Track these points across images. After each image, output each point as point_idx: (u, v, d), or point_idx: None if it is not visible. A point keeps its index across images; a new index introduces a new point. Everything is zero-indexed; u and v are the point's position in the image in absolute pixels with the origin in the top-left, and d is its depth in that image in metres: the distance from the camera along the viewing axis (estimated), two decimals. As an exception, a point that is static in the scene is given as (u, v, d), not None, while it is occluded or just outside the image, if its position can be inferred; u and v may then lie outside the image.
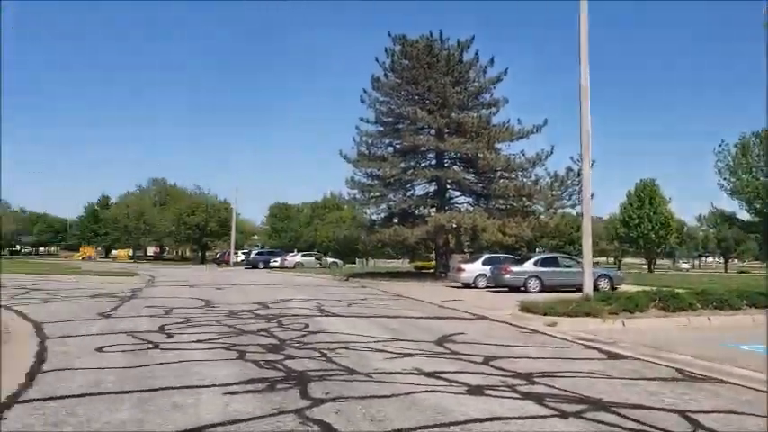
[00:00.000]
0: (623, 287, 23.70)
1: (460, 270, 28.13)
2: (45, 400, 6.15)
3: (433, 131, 34.83)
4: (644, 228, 61.91)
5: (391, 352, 9.36)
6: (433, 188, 36.04)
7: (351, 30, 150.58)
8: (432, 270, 38.72)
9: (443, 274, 32.17)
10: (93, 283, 27.30)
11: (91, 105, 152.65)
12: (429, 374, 7.69)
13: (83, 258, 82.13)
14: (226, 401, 6.16)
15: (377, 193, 35.68)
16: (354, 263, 71.93)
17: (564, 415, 5.94)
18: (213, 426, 5.32)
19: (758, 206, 50.13)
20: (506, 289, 24.70)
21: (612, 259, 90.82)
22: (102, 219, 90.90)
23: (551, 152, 33.16)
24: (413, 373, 7.74)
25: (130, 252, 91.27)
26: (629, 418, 5.81)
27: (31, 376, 7.30)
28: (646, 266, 72.48)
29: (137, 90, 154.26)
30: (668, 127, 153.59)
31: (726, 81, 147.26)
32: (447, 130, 34.09)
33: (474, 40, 34.77)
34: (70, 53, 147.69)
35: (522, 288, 23.95)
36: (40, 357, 8.55)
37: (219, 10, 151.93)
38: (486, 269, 27.00)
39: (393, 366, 8.18)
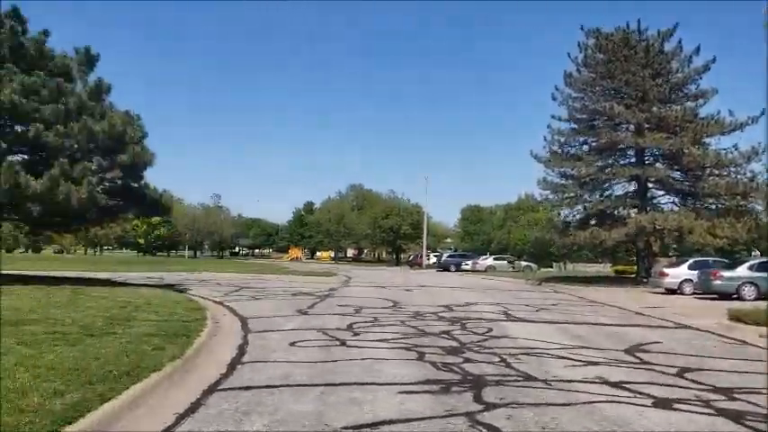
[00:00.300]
0: None
1: (663, 275, 26.24)
2: (240, 389, 6.72)
3: (631, 127, 32.84)
4: None
5: (575, 360, 8.97)
6: (632, 187, 33.99)
7: (540, 26, 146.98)
8: (633, 275, 36.53)
9: (645, 280, 30.21)
10: (295, 282, 29.35)
11: (293, 114, 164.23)
12: (612, 384, 7.28)
13: (291, 259, 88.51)
14: (400, 400, 6.30)
15: (571, 194, 34.27)
16: (551, 267, 69.87)
17: (765, 437, 5.34)
18: (385, 423, 5.48)
19: None
20: (716, 296, 22.60)
21: None
22: (307, 223, 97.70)
23: (771, 144, 29.69)
24: (594, 383, 7.36)
25: (332, 254, 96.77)
26: None
27: (232, 367, 8.02)
28: None
29: (338, 98, 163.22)
30: None
31: None
32: (647, 126, 31.90)
33: (677, 29, 32.35)
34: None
35: (735, 295, 21.76)
36: (242, 350, 9.35)
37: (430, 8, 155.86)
38: (693, 274, 24.88)
39: (574, 374, 7.85)
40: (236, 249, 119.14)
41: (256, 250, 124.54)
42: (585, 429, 5.40)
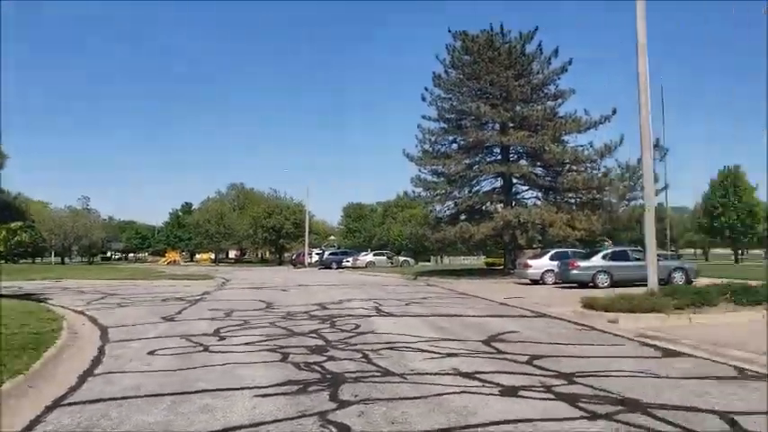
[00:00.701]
0: (703, 281, 22.52)
1: (527, 266, 27.66)
2: (87, 402, 6.43)
3: (497, 126, 34.35)
4: (728, 217, 59.05)
5: (434, 352, 9.29)
6: (499, 183, 35.56)
7: (419, 29, 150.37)
8: (501, 267, 38.23)
9: (512, 271, 31.70)
10: (168, 287, 28.29)
11: (166, 111, 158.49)
12: (465, 375, 7.60)
13: (168, 263, 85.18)
14: (254, 404, 6.27)
15: (442, 191, 35.50)
16: (429, 261, 71.78)
17: (594, 417, 5.74)
18: (234, 429, 5.46)
19: None
20: (574, 285, 24.06)
21: (700, 251, 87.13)
22: (185, 224, 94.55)
23: (621, 142, 32.06)
24: (449, 374, 7.65)
25: (212, 256, 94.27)
26: (662, 420, 5.58)
27: (82, 379, 7.66)
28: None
29: (212, 93, 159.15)
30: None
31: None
32: (511, 124, 33.52)
33: (537, 32, 34.13)
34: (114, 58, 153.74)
35: (591, 283, 23.28)
36: (96, 361, 8.95)
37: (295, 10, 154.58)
38: (554, 264, 26.39)
39: (431, 367, 8.12)
40: (108, 254, 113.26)
41: (131, 254, 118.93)
42: (432, 421, 5.61)
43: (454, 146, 35.66)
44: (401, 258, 60.28)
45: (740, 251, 69.77)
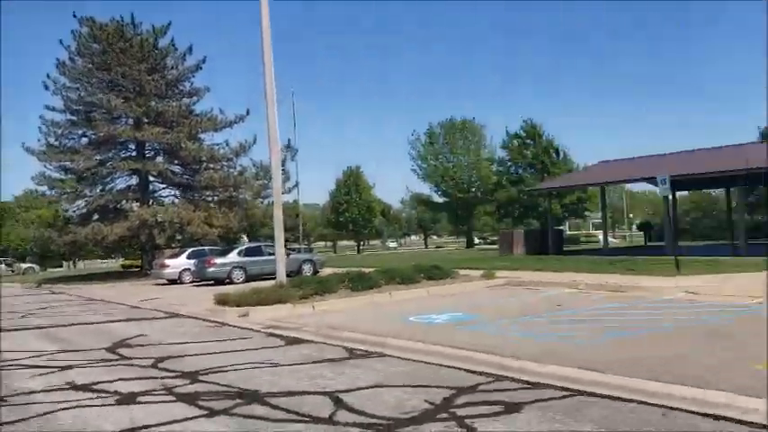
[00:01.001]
0: (328, 270, 24.48)
1: (164, 266, 26.95)
2: None
3: (131, 121, 32.78)
4: (351, 212, 65.83)
5: (48, 367, 8.47)
6: (135, 181, 34.09)
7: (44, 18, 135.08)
8: (139, 268, 36.64)
9: (149, 272, 30.60)
10: None
11: None
12: (81, 388, 7.08)
13: None
14: None
15: (70, 189, 32.69)
16: (61, 266, 65.32)
17: (212, 414, 5.79)
18: None
19: (444, 188, 57.21)
20: (213, 282, 24.15)
21: (331, 243, 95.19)
22: None
23: (255, 142, 33.46)
24: (62, 389, 7.06)
25: None
26: (278, 408, 5.85)
27: None
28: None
29: None
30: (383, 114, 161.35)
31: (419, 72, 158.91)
32: (146, 120, 32.24)
33: (170, 27, 33.65)
34: None
35: (227, 280, 23.59)
36: None
37: None
38: (192, 263, 26.17)
39: (41, 384, 7.39)
40: None
41: None
42: (33, 445, 5.12)
43: (84, 140, 33.30)
44: (24, 265, 54.00)
45: (361, 242, 78.32)
